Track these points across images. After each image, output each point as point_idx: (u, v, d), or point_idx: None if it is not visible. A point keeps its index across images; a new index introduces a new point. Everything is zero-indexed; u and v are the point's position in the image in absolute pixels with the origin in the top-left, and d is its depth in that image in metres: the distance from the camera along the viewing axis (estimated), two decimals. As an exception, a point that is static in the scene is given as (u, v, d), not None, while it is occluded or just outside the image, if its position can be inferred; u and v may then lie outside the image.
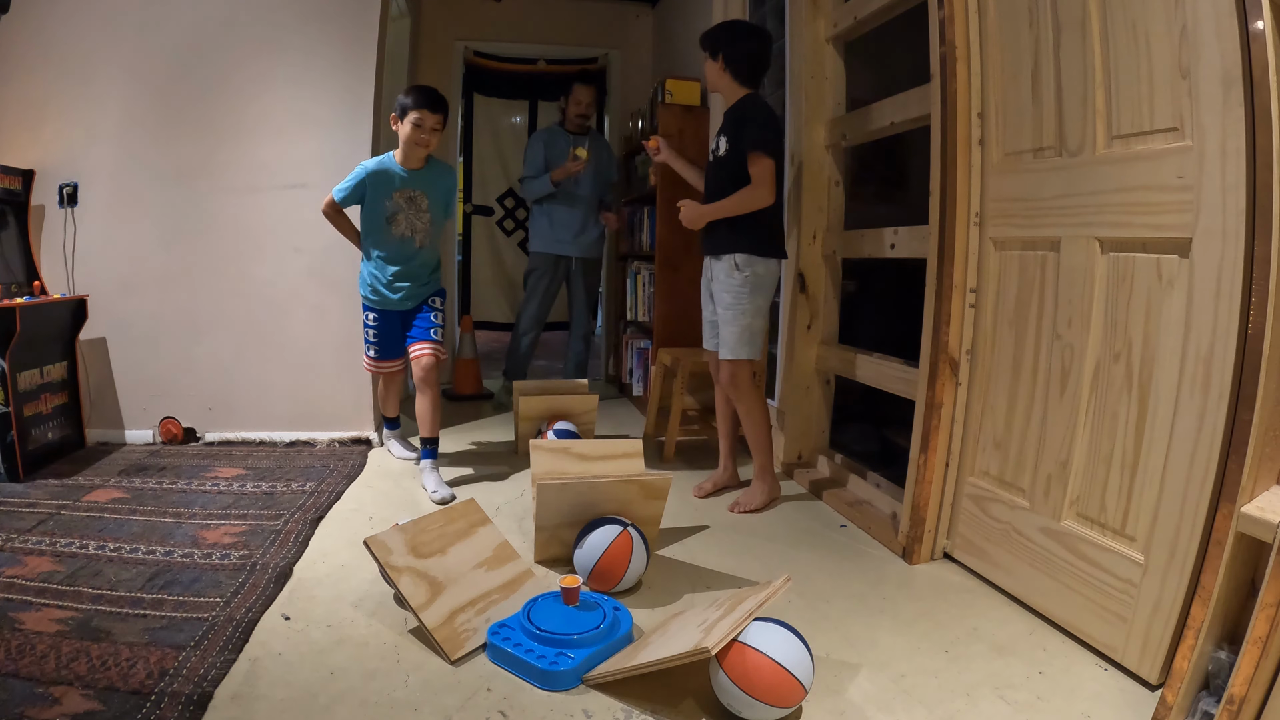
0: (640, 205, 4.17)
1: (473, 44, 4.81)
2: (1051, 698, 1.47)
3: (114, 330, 3.16)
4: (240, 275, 3.17)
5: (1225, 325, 1.37)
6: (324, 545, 2.16)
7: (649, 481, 2.00)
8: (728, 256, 2.45)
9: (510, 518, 2.41)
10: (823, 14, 2.81)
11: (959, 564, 2.09)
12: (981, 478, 2.03)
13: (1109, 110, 1.62)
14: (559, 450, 2.32)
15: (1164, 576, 1.47)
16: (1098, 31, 1.63)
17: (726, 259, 2.45)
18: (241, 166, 3.12)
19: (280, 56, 3.13)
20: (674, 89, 3.63)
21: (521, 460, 3.07)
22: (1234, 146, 1.34)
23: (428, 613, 1.61)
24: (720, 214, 2.42)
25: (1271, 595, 1.17)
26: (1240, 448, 1.30)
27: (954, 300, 2.03)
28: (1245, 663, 1.19)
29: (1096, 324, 1.67)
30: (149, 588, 1.84)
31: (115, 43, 3.06)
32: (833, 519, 2.49)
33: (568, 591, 1.63)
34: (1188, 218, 1.44)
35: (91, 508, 2.38)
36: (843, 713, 1.43)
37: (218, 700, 1.40)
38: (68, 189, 3.07)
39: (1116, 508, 1.61)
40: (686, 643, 1.38)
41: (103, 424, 3.18)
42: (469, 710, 1.41)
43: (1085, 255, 1.69)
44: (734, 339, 2.46)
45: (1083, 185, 1.69)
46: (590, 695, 1.47)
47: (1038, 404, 1.83)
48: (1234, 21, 1.31)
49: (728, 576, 2.03)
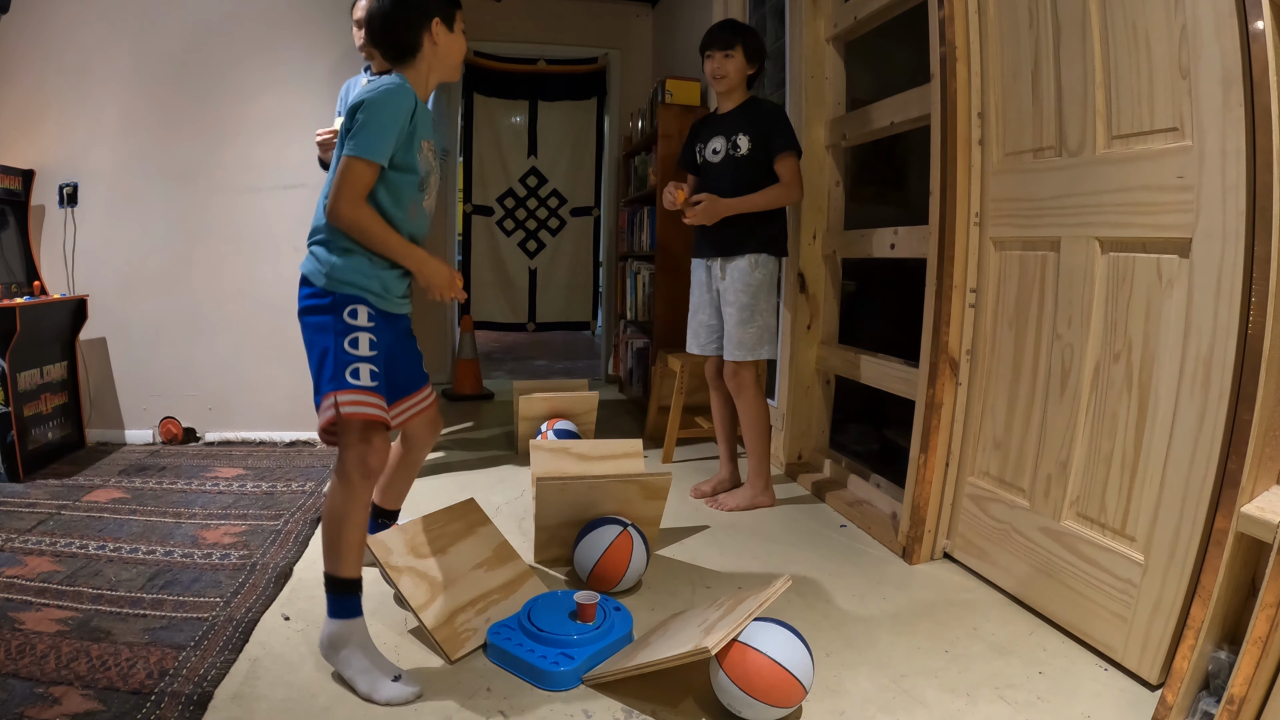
0: (640, 205, 4.18)
1: (473, 44, 4.80)
2: (1051, 698, 1.47)
3: (114, 330, 3.16)
4: (240, 275, 3.17)
5: (1225, 325, 1.36)
6: (324, 545, 2.16)
7: (649, 481, 2.00)
8: (745, 256, 2.41)
9: (510, 518, 2.41)
10: (823, 14, 2.81)
11: (959, 564, 2.09)
12: (981, 478, 2.03)
13: (1109, 110, 1.62)
14: (559, 450, 2.32)
15: (1164, 576, 1.47)
16: (1098, 31, 1.63)
17: (744, 258, 2.41)
18: (241, 166, 3.12)
19: (280, 57, 3.13)
20: (674, 89, 3.62)
21: (521, 460, 3.07)
22: (1234, 146, 1.34)
23: (428, 613, 1.61)
24: (747, 209, 2.38)
25: (1271, 595, 1.17)
26: (1240, 448, 1.30)
27: (954, 300, 2.03)
28: (1245, 663, 1.19)
29: (1096, 324, 1.67)
30: (149, 588, 1.84)
31: (115, 43, 3.06)
32: (833, 519, 2.49)
33: (584, 608, 1.61)
34: (1188, 218, 1.44)
35: (91, 508, 2.38)
36: (843, 713, 1.43)
37: (218, 700, 1.40)
38: (68, 189, 3.07)
39: (1116, 508, 1.61)
40: (686, 643, 1.38)
41: (103, 424, 3.18)
42: (469, 710, 1.41)
43: (1085, 255, 1.69)
44: (753, 339, 2.42)
45: (1083, 185, 1.69)
46: (590, 695, 1.47)
47: (1038, 404, 1.83)
48: (1234, 21, 1.31)
49: (728, 576, 2.03)
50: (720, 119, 2.49)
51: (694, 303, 2.62)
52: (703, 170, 2.55)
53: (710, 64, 2.43)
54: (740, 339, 2.42)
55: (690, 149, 2.62)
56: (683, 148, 2.68)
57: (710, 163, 2.50)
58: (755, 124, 2.39)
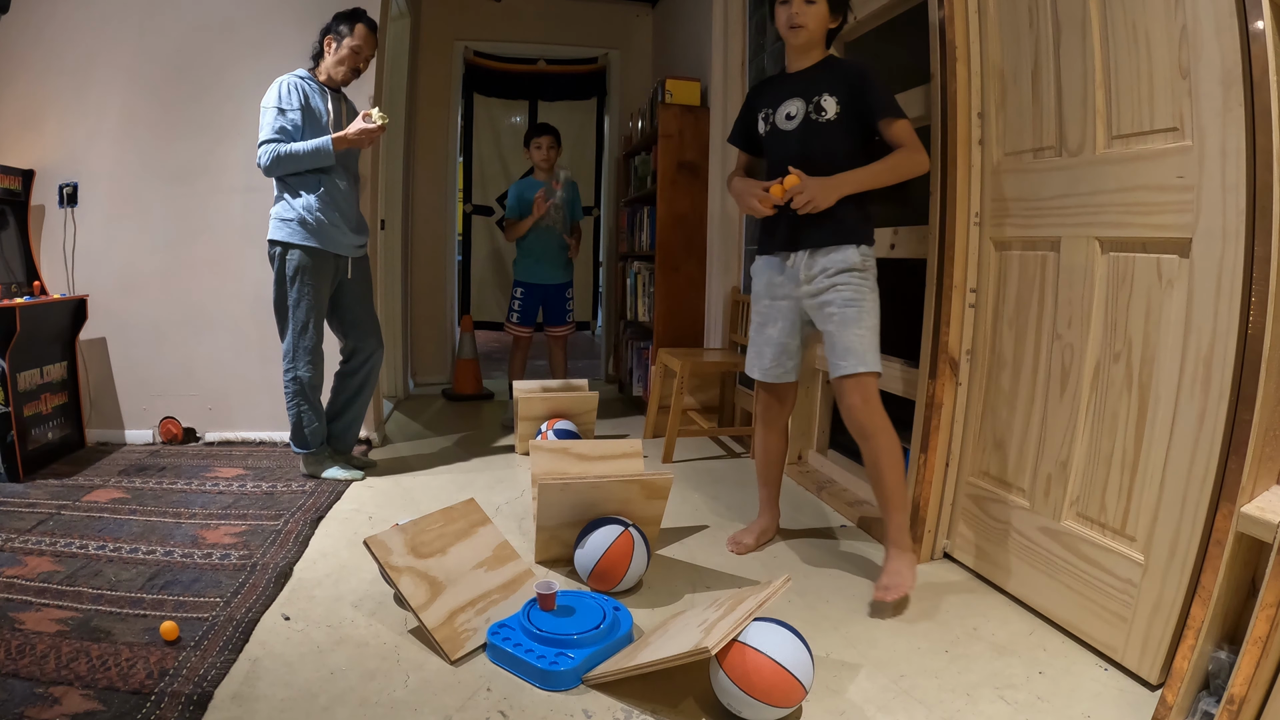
0: (640, 205, 4.18)
1: (473, 44, 4.81)
2: (1051, 698, 1.47)
3: (114, 330, 3.16)
4: (240, 275, 3.17)
5: (1225, 325, 1.36)
6: (324, 545, 2.16)
7: (650, 481, 2.00)
8: (851, 247, 1.93)
9: (510, 518, 2.41)
10: (823, 14, 2.80)
11: (959, 564, 2.09)
12: (981, 478, 2.03)
13: (1109, 110, 1.62)
14: (559, 450, 2.32)
15: (1164, 576, 1.47)
16: (1098, 31, 1.63)
17: (849, 248, 1.92)
18: (241, 166, 3.12)
19: (280, 57, 3.11)
20: (674, 89, 3.63)
21: (521, 460, 3.07)
22: (1234, 146, 1.34)
23: (428, 613, 1.61)
24: (869, 183, 1.91)
25: (1271, 595, 1.17)
26: (1240, 448, 1.30)
27: (954, 300, 2.03)
28: (1245, 663, 1.19)
29: (1096, 324, 1.67)
30: (149, 588, 1.84)
31: (115, 43, 3.06)
32: (833, 519, 2.49)
33: (544, 598, 1.62)
34: (1188, 218, 1.44)
35: (91, 508, 2.38)
36: (843, 713, 1.43)
37: (218, 700, 1.40)
38: (68, 189, 3.07)
39: (1116, 508, 1.61)
40: (686, 643, 1.38)
41: (103, 424, 3.18)
42: (469, 710, 1.41)
43: (1085, 255, 1.69)
44: (868, 344, 1.90)
45: (1083, 185, 1.69)
46: (590, 695, 1.47)
47: (1038, 404, 1.83)
48: (1234, 21, 1.31)
49: (728, 576, 2.03)
50: (792, 79, 2.02)
51: (760, 314, 2.11)
52: (769, 141, 2.05)
53: (785, 11, 1.94)
54: (850, 344, 1.89)
55: (749, 119, 2.13)
56: (738, 120, 2.20)
57: (781, 130, 2.01)
58: (843, 83, 1.93)
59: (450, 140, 4.74)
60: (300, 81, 2.57)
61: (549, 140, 3.67)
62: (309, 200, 2.55)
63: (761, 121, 2.07)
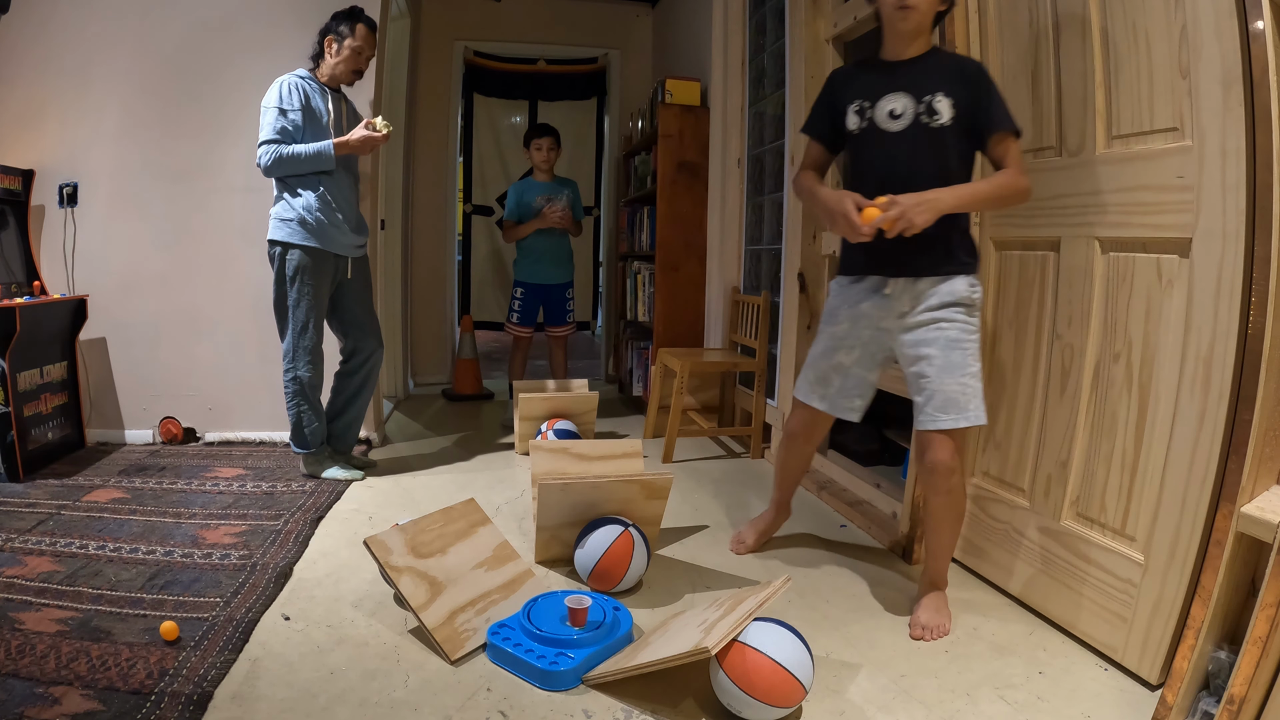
0: (640, 205, 4.18)
1: (473, 44, 4.81)
2: (1051, 698, 1.47)
3: (114, 330, 3.16)
4: (240, 275, 3.17)
5: (1225, 325, 1.36)
6: (324, 545, 2.16)
7: (650, 481, 2.00)
8: (961, 278, 1.67)
9: (510, 518, 2.41)
10: (823, 14, 2.81)
11: (959, 564, 2.09)
12: (981, 478, 2.03)
13: (1109, 110, 1.62)
14: (559, 450, 2.32)
15: (1164, 576, 1.47)
16: (1098, 32, 1.63)
17: (959, 279, 1.67)
18: (241, 166, 3.11)
19: (280, 56, 3.11)
20: (674, 89, 3.63)
21: (521, 460, 3.07)
22: (1234, 146, 1.34)
23: (428, 613, 1.61)
24: (970, 205, 1.66)
25: (1271, 595, 1.17)
26: (1240, 448, 1.30)
27: (954, 300, 2.02)
28: (1245, 663, 1.19)
29: (1096, 324, 1.67)
30: (149, 588, 1.84)
31: (115, 43, 3.06)
32: (833, 519, 2.49)
33: (575, 613, 1.59)
34: (1188, 218, 1.44)
35: (91, 508, 2.38)
36: (843, 713, 1.43)
37: (218, 700, 1.40)
38: (68, 189, 3.07)
39: (1116, 508, 1.61)
40: (686, 643, 1.38)
41: (103, 424, 3.18)
42: (469, 710, 1.41)
43: (1085, 255, 1.69)
44: (972, 393, 1.65)
45: (1083, 185, 1.69)
46: (590, 695, 1.47)
47: (1037, 404, 1.83)
48: (1234, 21, 1.31)
49: (728, 576, 2.03)
50: (895, 70, 1.69)
51: (829, 336, 1.86)
52: (863, 141, 1.74)
53: None
54: (952, 394, 1.64)
55: (833, 109, 1.79)
56: (817, 105, 1.84)
57: (883, 131, 1.69)
58: (959, 83, 1.64)
59: (450, 140, 4.74)
60: (301, 81, 2.58)
61: (549, 141, 3.67)
62: (309, 200, 2.56)
63: (855, 116, 1.73)
